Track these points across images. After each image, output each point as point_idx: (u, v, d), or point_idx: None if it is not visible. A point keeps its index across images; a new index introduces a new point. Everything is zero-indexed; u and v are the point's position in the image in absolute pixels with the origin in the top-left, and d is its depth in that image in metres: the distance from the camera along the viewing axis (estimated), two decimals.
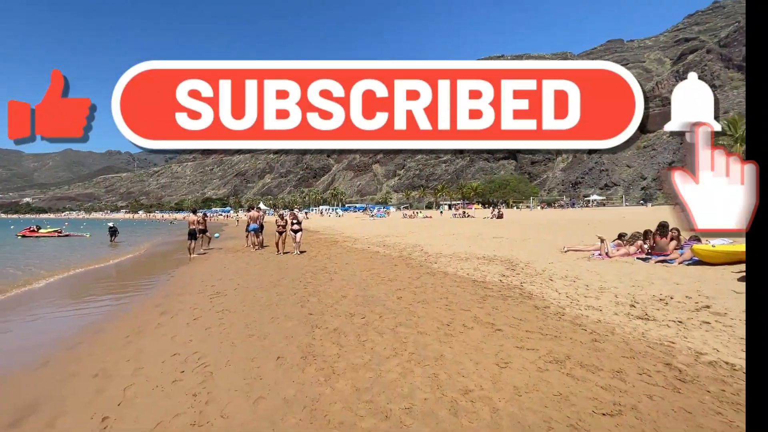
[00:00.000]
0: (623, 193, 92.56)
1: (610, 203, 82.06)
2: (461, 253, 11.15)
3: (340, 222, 40.51)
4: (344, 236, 20.08)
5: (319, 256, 12.29)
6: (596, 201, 73.03)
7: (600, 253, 8.95)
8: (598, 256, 8.90)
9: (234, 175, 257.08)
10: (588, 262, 8.34)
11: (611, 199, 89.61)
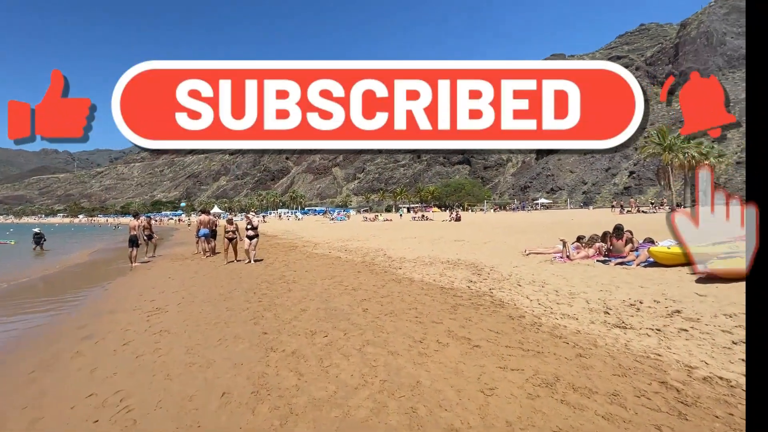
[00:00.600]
0: (567, 197, 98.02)
1: (555, 206, 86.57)
2: (425, 257, 10.78)
3: (300, 225, 39.18)
4: (304, 241, 19.16)
5: (277, 263, 11.42)
6: (543, 204, 76.64)
7: (561, 256, 8.92)
8: (559, 258, 8.85)
9: (186, 177, 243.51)
10: (551, 266, 8.23)
11: (556, 202, 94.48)
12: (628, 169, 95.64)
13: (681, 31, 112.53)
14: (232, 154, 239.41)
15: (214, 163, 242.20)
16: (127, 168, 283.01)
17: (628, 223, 18.23)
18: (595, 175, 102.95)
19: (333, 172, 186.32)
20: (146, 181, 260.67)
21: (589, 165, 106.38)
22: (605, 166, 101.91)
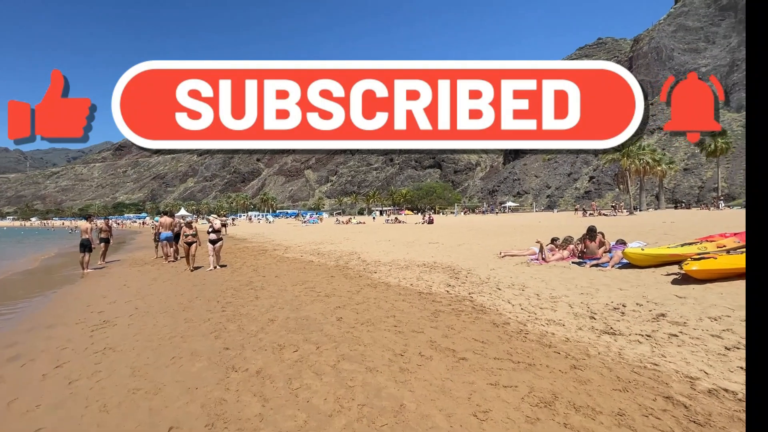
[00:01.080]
0: (532, 200, 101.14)
1: (521, 209, 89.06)
2: (400, 260, 10.41)
3: (271, 228, 37.94)
4: (275, 244, 18.35)
5: (244, 268, 10.70)
6: (511, 207, 78.58)
7: (537, 258, 8.78)
8: (535, 260, 8.71)
9: (151, 178, 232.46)
10: (528, 268, 8.06)
11: (523, 205, 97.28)
12: (588, 174, 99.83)
13: (634, 45, 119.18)
14: (201, 155, 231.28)
15: (181, 164, 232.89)
16: (87, 168, 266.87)
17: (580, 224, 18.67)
18: (558, 179, 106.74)
19: (305, 174, 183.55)
20: (108, 182, 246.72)
21: (552, 170, 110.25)
22: (567, 171, 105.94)
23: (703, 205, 44.69)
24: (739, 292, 4.88)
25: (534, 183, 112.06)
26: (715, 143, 43.62)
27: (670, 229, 14.06)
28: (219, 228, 10.67)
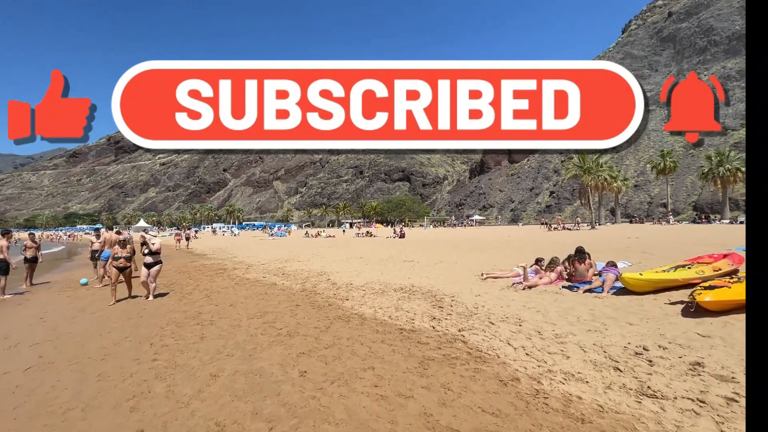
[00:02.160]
0: (497, 214, 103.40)
1: (487, 222, 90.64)
2: (374, 283, 9.32)
3: (235, 242, 35.67)
4: (236, 261, 16.70)
5: (196, 293, 9.21)
6: (477, 220, 79.68)
7: (521, 282, 7.98)
8: (520, 284, 7.89)
9: (109, 188, 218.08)
10: (517, 294, 7.22)
11: (488, 218, 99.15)
12: (548, 189, 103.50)
13: None
14: (164, 164, 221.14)
15: (142, 173, 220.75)
16: (36, 176, 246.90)
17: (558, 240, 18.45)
18: (521, 193, 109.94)
19: (274, 185, 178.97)
20: (59, 191, 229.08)
21: (516, 184, 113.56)
22: (530, 186, 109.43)
23: (655, 220, 46.90)
24: None
25: (498, 197, 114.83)
26: (665, 162, 46.14)
27: (640, 245, 13.90)
28: (158, 249, 8.62)
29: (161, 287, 10.29)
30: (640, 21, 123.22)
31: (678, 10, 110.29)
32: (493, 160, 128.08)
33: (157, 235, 11.23)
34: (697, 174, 52.38)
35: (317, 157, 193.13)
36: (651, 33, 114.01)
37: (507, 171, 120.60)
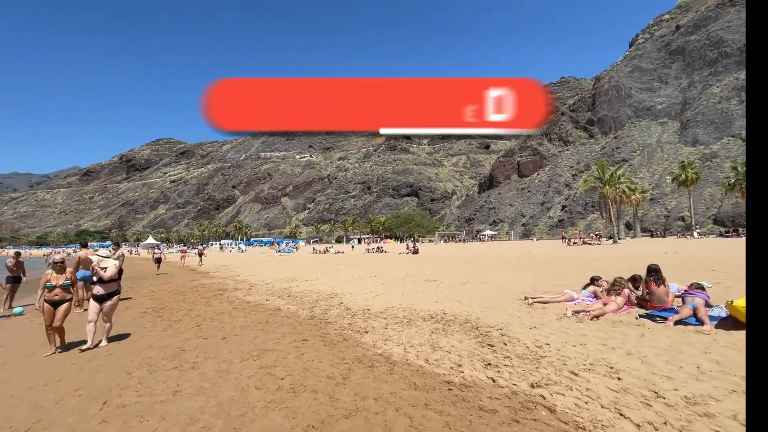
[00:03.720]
0: (508, 228, 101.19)
1: (498, 237, 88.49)
2: (396, 308, 7.81)
3: (241, 259, 34.40)
4: (238, 281, 15.31)
5: (186, 320, 7.78)
6: (490, 235, 77.70)
7: (585, 311, 6.41)
8: (582, 313, 6.32)
9: (120, 205, 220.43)
10: (584, 326, 5.66)
11: (499, 233, 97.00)
12: (560, 203, 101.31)
13: (596, 83, 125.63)
14: (174, 181, 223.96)
15: (152, 190, 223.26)
16: (50, 194, 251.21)
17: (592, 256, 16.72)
18: (532, 208, 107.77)
19: (282, 201, 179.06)
20: (72, 208, 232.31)
21: (526, 199, 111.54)
22: (540, 200, 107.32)
23: (678, 234, 44.68)
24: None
25: (509, 212, 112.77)
26: (686, 173, 44.20)
27: (696, 263, 12.20)
28: (112, 275, 6.20)
29: (150, 312, 8.91)
30: (647, 35, 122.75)
31: (686, 23, 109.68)
32: (502, 174, 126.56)
33: (113, 254, 6.94)
34: (722, 185, 50.16)
35: (325, 173, 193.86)
36: (659, 46, 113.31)
37: (517, 185, 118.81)
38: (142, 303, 10.61)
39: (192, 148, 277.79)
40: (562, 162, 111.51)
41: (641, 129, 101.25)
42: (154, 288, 14.09)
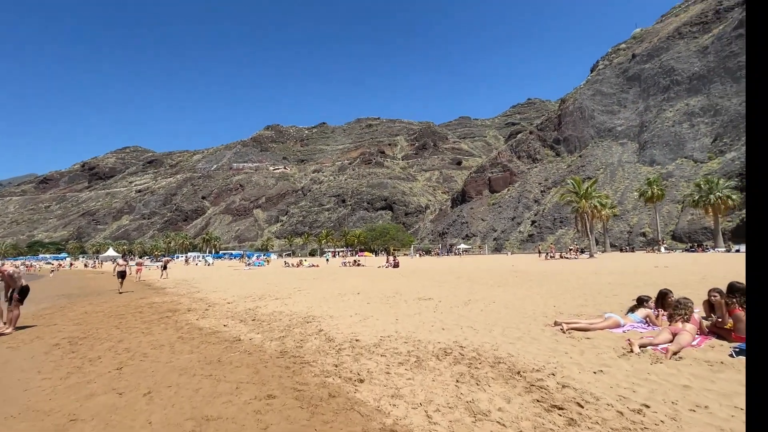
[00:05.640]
0: (480, 243, 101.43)
1: (472, 251, 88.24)
2: (394, 338, 5.94)
3: (207, 273, 31.29)
4: (196, 298, 12.90)
5: (106, 358, 5.56)
6: (465, 249, 77.18)
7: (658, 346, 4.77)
8: (654, 349, 4.66)
9: (79, 215, 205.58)
10: (668, 369, 4.01)
11: (472, 247, 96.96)
12: (530, 218, 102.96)
13: (561, 105, 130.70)
14: (140, 191, 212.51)
15: (116, 200, 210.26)
16: (1, 203, 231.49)
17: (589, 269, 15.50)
18: (503, 223, 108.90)
19: (254, 213, 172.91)
20: (25, 218, 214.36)
21: (497, 214, 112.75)
22: (511, 215, 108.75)
23: (648, 249, 45.38)
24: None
25: (481, 226, 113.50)
26: (652, 190, 45.26)
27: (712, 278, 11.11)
28: None
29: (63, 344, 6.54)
30: (606, 61, 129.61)
31: (641, 52, 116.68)
32: (474, 189, 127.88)
33: None
34: (679, 203, 51.86)
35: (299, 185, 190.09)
36: (617, 72, 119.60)
37: (488, 200, 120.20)
38: (62, 330, 8.16)
39: (161, 158, 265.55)
40: (531, 179, 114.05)
41: (604, 149, 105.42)
42: (90, 309, 11.48)
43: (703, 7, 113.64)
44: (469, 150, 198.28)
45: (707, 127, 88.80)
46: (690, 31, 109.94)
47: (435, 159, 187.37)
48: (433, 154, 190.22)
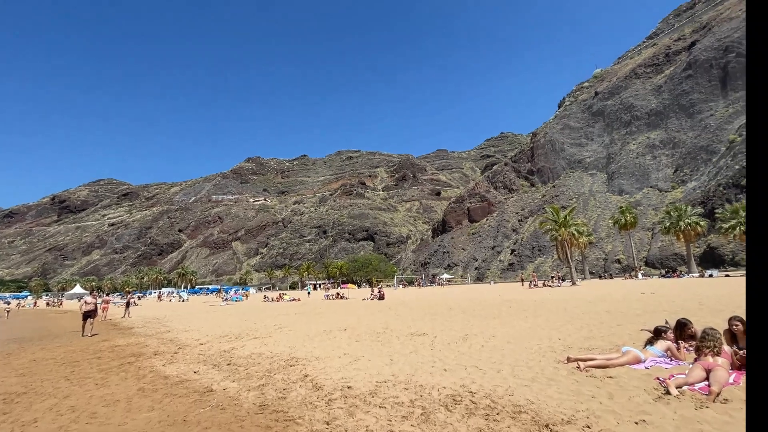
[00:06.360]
0: (462, 273, 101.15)
1: (454, 281, 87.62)
2: (391, 382, 5.17)
3: (180, 310, 29.25)
4: (165, 339, 11.62)
5: (44, 423, 4.52)
6: (447, 279, 76.51)
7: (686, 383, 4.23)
8: (692, 389, 4.10)
9: (46, 250, 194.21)
10: (717, 414, 3.44)
11: (455, 277, 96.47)
12: (509, 247, 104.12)
13: (533, 138, 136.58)
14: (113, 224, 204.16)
15: (87, 234, 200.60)
16: None
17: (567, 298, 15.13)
18: (483, 252, 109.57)
19: (233, 246, 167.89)
20: None
21: (477, 243, 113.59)
22: (491, 244, 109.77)
23: (626, 276, 46.03)
24: None
25: (462, 255, 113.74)
26: (625, 217, 46.63)
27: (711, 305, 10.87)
28: None
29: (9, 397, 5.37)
30: (572, 98, 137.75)
31: (602, 90, 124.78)
32: (454, 219, 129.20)
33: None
34: (660, 229, 53.54)
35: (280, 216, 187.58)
36: (583, 108, 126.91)
37: (468, 230, 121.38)
38: (1, 383, 6.91)
39: (136, 190, 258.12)
40: (509, 208, 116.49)
41: (575, 179, 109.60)
42: (41, 355, 10.06)
43: (654, 51, 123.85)
44: (447, 181, 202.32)
45: (668, 158, 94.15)
46: (645, 72, 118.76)
47: (414, 190, 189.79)
48: (412, 185, 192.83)
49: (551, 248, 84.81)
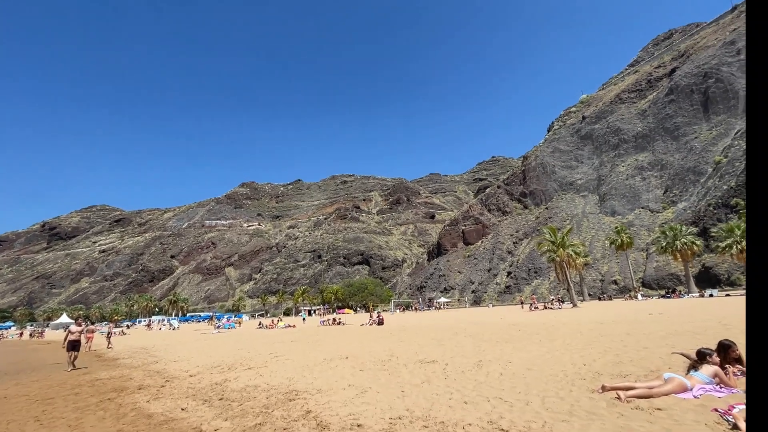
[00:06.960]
0: (459, 296, 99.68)
1: (451, 305, 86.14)
2: (407, 418, 4.53)
3: (170, 339, 27.88)
4: (152, 371, 10.72)
5: None
6: (445, 302, 75.17)
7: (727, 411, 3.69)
8: (729, 417, 3.58)
9: (33, 278, 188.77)
10: None
11: (451, 300, 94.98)
12: (505, 269, 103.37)
13: (524, 161, 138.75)
14: (104, 251, 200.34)
15: (76, 261, 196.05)
16: None
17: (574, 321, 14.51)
18: (479, 275, 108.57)
19: (226, 272, 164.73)
20: None
21: (473, 266, 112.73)
22: (487, 266, 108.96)
23: (627, 297, 45.42)
24: None
25: (458, 278, 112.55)
26: (621, 238, 46.55)
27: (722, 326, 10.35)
28: None
29: None
30: (561, 122, 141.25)
31: (589, 115, 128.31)
32: (449, 242, 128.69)
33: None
34: (656, 248, 53.43)
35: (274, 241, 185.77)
36: (571, 132, 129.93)
37: (464, 253, 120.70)
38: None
39: (129, 216, 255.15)
40: (503, 230, 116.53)
41: (567, 201, 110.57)
42: (13, 391, 9.13)
43: (637, 77, 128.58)
44: (441, 204, 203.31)
45: (657, 179, 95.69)
46: (629, 97, 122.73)
47: (409, 213, 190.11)
48: (407, 209, 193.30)
49: (548, 270, 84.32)
